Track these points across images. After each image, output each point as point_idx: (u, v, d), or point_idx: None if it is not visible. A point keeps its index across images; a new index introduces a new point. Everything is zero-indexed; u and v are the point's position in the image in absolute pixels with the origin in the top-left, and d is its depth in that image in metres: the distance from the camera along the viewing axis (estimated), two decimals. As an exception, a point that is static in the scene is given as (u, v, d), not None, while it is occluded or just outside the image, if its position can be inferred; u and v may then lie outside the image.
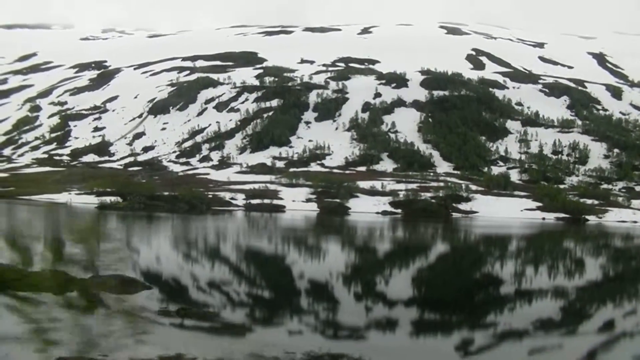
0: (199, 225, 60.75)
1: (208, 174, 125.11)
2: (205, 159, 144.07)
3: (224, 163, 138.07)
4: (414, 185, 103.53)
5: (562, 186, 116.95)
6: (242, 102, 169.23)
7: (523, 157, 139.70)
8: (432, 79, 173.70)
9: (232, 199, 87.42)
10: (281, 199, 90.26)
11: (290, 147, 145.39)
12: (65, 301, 15.35)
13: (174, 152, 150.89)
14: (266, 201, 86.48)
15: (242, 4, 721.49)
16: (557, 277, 33.01)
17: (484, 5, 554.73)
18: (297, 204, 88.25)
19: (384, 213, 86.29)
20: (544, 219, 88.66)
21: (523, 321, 20.88)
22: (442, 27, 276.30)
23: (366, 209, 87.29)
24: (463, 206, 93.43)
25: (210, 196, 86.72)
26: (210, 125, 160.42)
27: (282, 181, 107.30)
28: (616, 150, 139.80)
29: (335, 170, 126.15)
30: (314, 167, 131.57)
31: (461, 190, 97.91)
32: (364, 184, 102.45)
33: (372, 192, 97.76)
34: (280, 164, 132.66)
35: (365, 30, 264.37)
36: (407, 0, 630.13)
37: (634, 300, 28.42)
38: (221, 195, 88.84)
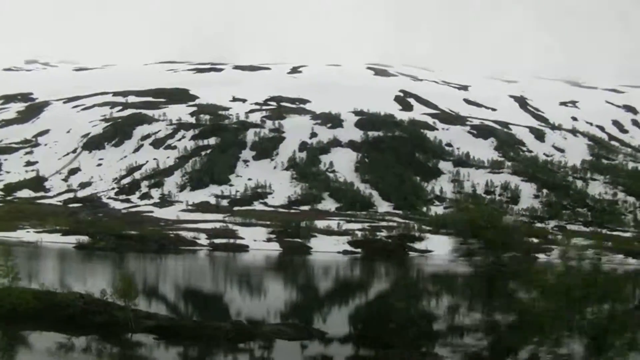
0: (212, 265, 61.28)
1: (152, 211, 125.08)
2: (146, 196, 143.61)
3: (166, 201, 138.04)
4: (364, 225, 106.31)
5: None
6: (179, 140, 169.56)
7: (457, 196, 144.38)
8: (366, 120, 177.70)
9: (195, 238, 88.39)
10: (242, 238, 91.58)
11: (230, 185, 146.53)
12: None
13: (113, 188, 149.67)
14: (230, 241, 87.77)
15: (167, 39, 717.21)
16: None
17: (407, 47, 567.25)
18: (260, 244, 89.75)
19: (345, 252, 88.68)
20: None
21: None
22: (369, 68, 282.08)
23: (327, 249, 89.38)
24: (418, 245, 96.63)
25: (172, 235, 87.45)
26: (147, 162, 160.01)
27: (236, 220, 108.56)
28: (545, 191, 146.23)
29: (280, 210, 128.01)
30: (258, 205, 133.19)
31: (414, 230, 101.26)
32: (319, 224, 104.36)
33: (328, 232, 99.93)
34: (223, 202, 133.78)
35: (295, 70, 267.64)
36: (334, 41, 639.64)
37: None
38: (183, 235, 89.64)
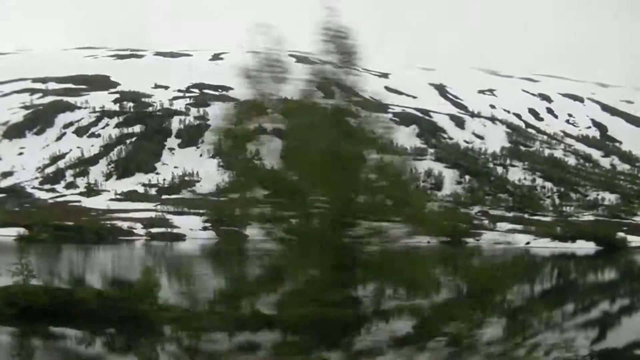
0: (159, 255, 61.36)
1: (79, 201, 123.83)
2: (71, 185, 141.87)
3: (92, 190, 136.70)
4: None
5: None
6: (103, 128, 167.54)
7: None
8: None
9: (131, 228, 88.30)
10: (178, 227, 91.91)
11: (157, 173, 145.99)
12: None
13: (36, 178, 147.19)
14: (167, 230, 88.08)
15: (83, 23, 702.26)
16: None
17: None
18: (196, 232, 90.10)
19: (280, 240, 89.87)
20: (428, 242, 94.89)
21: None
22: (291, 55, 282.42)
23: (264, 236, 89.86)
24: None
25: (109, 225, 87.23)
26: (71, 150, 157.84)
27: (169, 209, 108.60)
28: (467, 177, 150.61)
29: (210, 198, 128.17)
30: (186, 194, 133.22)
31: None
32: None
33: (262, 219, 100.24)
34: (152, 191, 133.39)
35: (216, 57, 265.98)
36: (252, 27, 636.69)
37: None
38: (119, 225, 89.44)
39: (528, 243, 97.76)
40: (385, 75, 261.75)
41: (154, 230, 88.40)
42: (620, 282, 52.34)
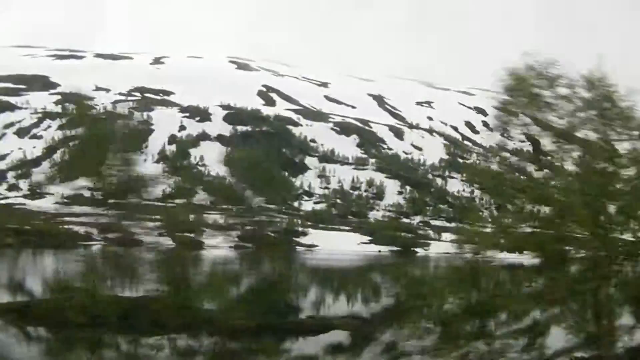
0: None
1: (24, 204, 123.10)
2: (14, 187, 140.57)
3: (37, 193, 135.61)
4: (244, 220, 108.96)
5: (371, 220, 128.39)
6: (45, 129, 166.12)
7: (326, 192, 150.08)
8: (234, 114, 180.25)
9: (88, 233, 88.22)
10: (133, 232, 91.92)
11: (101, 178, 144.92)
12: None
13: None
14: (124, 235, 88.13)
15: (19, 22, 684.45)
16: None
17: (266, 41, 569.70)
18: (152, 238, 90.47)
19: (236, 247, 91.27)
20: (379, 251, 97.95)
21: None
22: (231, 61, 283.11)
23: (219, 243, 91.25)
24: (304, 240, 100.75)
25: (66, 230, 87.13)
26: (12, 151, 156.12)
27: (120, 214, 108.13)
28: (408, 187, 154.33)
29: (157, 203, 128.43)
30: (132, 199, 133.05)
31: (297, 225, 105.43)
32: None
33: (215, 227, 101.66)
34: (97, 195, 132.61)
35: (157, 61, 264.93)
36: (192, 29, 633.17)
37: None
38: (76, 229, 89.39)
39: (476, 253, 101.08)
40: (325, 85, 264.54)
41: (110, 235, 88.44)
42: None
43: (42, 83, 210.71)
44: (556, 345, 26.91)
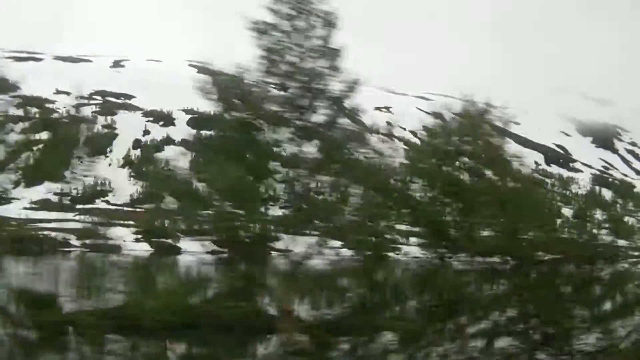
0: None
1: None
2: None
3: (2, 198, 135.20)
4: (218, 225, 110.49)
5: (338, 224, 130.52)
6: (7, 133, 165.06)
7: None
8: (198, 119, 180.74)
9: (66, 239, 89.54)
10: (110, 238, 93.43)
11: (66, 182, 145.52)
12: None
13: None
14: (102, 242, 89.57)
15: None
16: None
17: (223, 44, 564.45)
18: (129, 244, 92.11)
19: (213, 252, 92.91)
20: (352, 255, 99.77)
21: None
22: (191, 65, 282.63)
23: (196, 249, 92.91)
24: (278, 245, 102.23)
25: (44, 236, 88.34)
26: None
27: (93, 220, 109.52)
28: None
29: (125, 208, 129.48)
30: (101, 204, 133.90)
31: (269, 230, 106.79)
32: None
33: (189, 232, 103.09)
34: (65, 200, 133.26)
35: (117, 64, 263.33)
36: (152, 33, 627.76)
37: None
38: (53, 235, 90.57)
39: (448, 257, 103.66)
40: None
41: (88, 241, 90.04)
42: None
43: (0, 85, 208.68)
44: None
